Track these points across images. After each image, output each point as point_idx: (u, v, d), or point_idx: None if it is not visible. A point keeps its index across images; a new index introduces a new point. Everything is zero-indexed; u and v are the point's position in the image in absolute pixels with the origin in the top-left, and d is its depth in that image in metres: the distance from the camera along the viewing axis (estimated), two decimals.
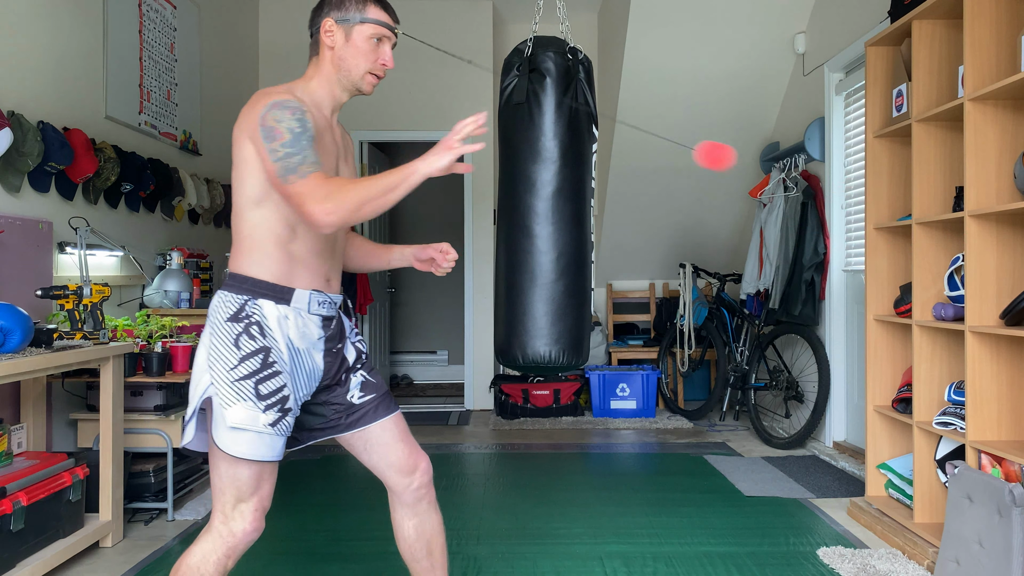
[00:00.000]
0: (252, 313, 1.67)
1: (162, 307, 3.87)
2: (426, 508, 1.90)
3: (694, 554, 2.79)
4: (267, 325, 1.67)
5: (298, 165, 1.57)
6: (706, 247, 6.00)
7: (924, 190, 2.89)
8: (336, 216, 1.53)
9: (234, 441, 1.61)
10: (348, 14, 1.74)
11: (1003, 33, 2.51)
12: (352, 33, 1.74)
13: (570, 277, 2.46)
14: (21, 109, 3.14)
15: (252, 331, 1.65)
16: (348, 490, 3.63)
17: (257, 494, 1.66)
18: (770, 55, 4.88)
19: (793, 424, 4.82)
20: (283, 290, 1.69)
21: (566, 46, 2.48)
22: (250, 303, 1.67)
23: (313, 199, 1.53)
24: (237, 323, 1.66)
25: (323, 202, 1.53)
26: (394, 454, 1.86)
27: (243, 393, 1.62)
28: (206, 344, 1.68)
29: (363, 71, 1.77)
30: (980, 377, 2.51)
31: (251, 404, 1.62)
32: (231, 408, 1.61)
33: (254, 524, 1.66)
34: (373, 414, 1.85)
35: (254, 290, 1.68)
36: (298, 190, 1.55)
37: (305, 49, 5.85)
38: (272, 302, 1.69)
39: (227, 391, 1.62)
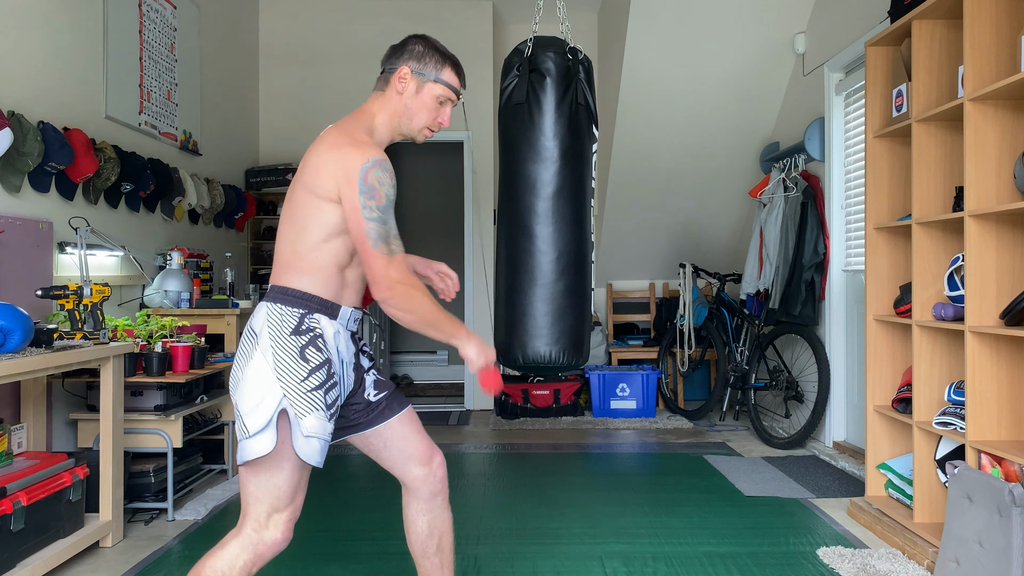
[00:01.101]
0: (313, 327, 1.72)
1: (162, 307, 3.87)
2: (440, 504, 1.94)
3: (694, 554, 2.79)
4: (326, 338, 1.74)
5: (390, 237, 1.68)
6: (706, 247, 6.00)
7: (924, 190, 2.89)
8: (395, 300, 1.68)
9: (312, 449, 1.68)
10: (425, 69, 1.82)
11: (1003, 33, 2.51)
12: (424, 88, 1.83)
13: (570, 277, 2.45)
14: (21, 109, 3.14)
15: (318, 343, 1.71)
16: (348, 490, 3.63)
17: (293, 503, 1.71)
18: (770, 55, 4.88)
19: (793, 424, 4.82)
20: (334, 307, 1.76)
21: (566, 46, 2.48)
22: (308, 317, 1.73)
23: (391, 277, 1.67)
24: (300, 336, 1.70)
25: (397, 284, 1.67)
26: (412, 446, 1.91)
27: (316, 403, 1.68)
28: (270, 356, 1.68)
29: (422, 125, 1.86)
30: (980, 377, 2.51)
31: (322, 414, 1.69)
32: (307, 418, 1.67)
33: (285, 534, 1.70)
34: (389, 409, 1.91)
35: (309, 305, 1.73)
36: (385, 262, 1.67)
37: (304, 49, 5.86)
38: (327, 317, 1.75)
39: (302, 401, 1.67)
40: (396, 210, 7.59)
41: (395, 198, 1.71)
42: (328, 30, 5.86)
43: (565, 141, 2.44)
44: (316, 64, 5.86)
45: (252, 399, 1.67)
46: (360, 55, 5.89)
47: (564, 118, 2.42)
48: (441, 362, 7.74)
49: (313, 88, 5.88)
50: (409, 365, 7.67)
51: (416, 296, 1.68)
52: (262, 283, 5.61)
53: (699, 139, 5.33)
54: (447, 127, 1.90)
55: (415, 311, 1.68)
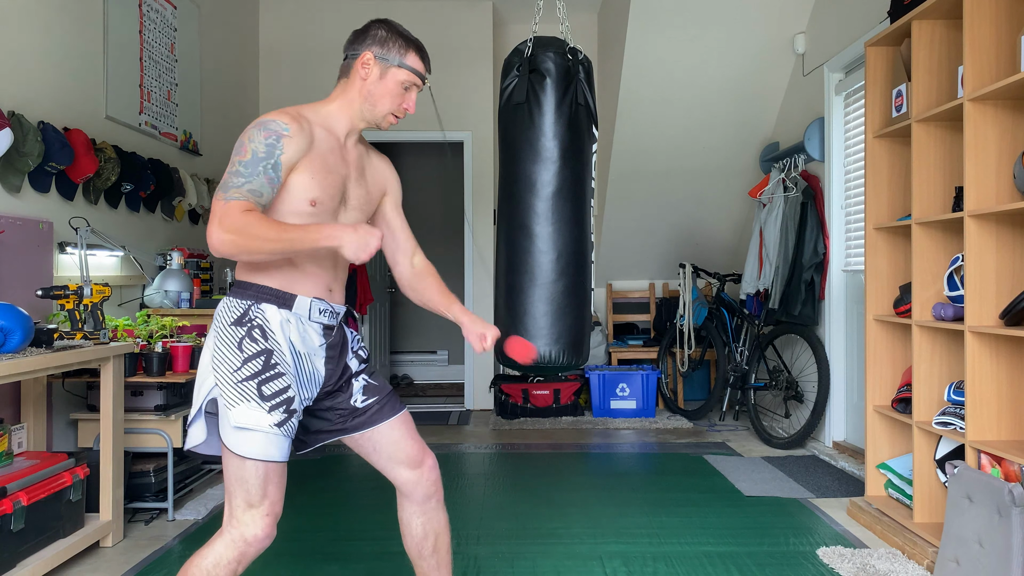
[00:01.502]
0: (255, 316, 1.70)
1: (162, 307, 3.87)
2: (434, 506, 1.93)
3: (694, 554, 2.79)
4: (270, 328, 1.70)
5: (232, 187, 1.59)
6: (706, 247, 6.00)
7: (924, 190, 2.89)
8: (230, 249, 1.55)
9: (241, 441, 1.64)
10: (389, 54, 1.79)
11: (1003, 33, 2.51)
12: (387, 73, 1.79)
13: (570, 277, 2.46)
14: (21, 109, 3.14)
15: (255, 334, 1.68)
16: (348, 490, 3.63)
17: (267, 499, 1.67)
18: (770, 55, 4.88)
19: (793, 424, 4.83)
20: (286, 296, 1.73)
21: (566, 46, 2.48)
22: (254, 307, 1.71)
23: (221, 225, 1.55)
24: (241, 327, 1.69)
25: (226, 231, 1.55)
26: (402, 451, 1.89)
27: (247, 394, 1.64)
28: (211, 347, 1.71)
29: (387, 111, 1.82)
30: (980, 377, 2.51)
31: (255, 404, 1.64)
32: (235, 408, 1.64)
33: (266, 531, 1.67)
34: (378, 415, 1.87)
35: (258, 295, 1.72)
36: (215, 209, 1.58)
37: (304, 49, 5.86)
38: (275, 306, 1.72)
39: (231, 392, 1.65)
40: None
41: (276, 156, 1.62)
42: (328, 30, 5.87)
43: (565, 141, 2.44)
44: (316, 64, 5.86)
45: (196, 391, 1.71)
46: None
47: (564, 118, 2.42)
48: (441, 362, 7.74)
49: (313, 88, 5.88)
50: (409, 365, 7.68)
51: (249, 234, 1.54)
52: None
53: (699, 139, 5.33)
54: (412, 113, 1.88)
55: (255, 250, 1.56)
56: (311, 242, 1.58)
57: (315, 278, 1.77)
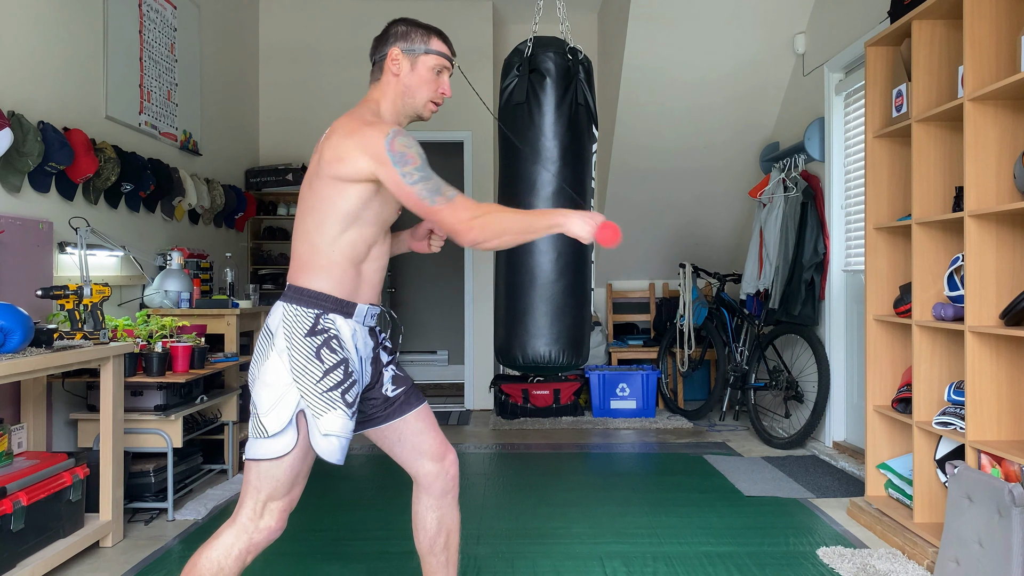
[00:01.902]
0: (328, 327, 1.74)
1: (162, 307, 3.87)
2: (450, 503, 1.96)
3: (694, 554, 2.79)
4: (342, 338, 1.76)
5: (440, 188, 1.67)
6: (706, 247, 6.00)
7: (924, 190, 2.89)
8: (479, 235, 1.65)
9: (330, 446, 1.70)
10: (414, 45, 1.84)
11: (1003, 33, 2.51)
12: (417, 63, 1.84)
13: (570, 277, 2.46)
14: (21, 109, 3.14)
15: (332, 344, 1.73)
16: (348, 490, 3.63)
17: (291, 493, 1.72)
18: (770, 55, 4.88)
19: (793, 424, 4.82)
20: (349, 305, 1.78)
21: (566, 46, 2.48)
22: (323, 317, 1.74)
23: (462, 219, 1.65)
24: (315, 336, 1.72)
25: (471, 220, 1.65)
26: (426, 442, 1.93)
27: (334, 403, 1.70)
28: (284, 358, 1.71)
29: (425, 99, 1.86)
30: (980, 377, 2.51)
31: (342, 412, 1.71)
32: (323, 417, 1.69)
33: (280, 523, 1.72)
34: (406, 405, 1.92)
35: (324, 305, 1.75)
36: (449, 209, 1.66)
37: (304, 49, 5.86)
38: (342, 316, 1.77)
39: (318, 402, 1.69)
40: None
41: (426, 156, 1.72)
42: (328, 30, 5.87)
43: (565, 141, 2.45)
44: (316, 64, 5.86)
45: (269, 400, 1.70)
46: (360, 55, 5.88)
47: (564, 118, 2.42)
48: (441, 362, 7.74)
49: (313, 88, 5.88)
50: (409, 365, 7.68)
51: (494, 221, 1.65)
52: (262, 283, 5.61)
53: (699, 139, 5.33)
54: (450, 96, 1.92)
55: (504, 233, 1.66)
56: (545, 224, 1.67)
57: (373, 284, 1.83)
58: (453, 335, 7.67)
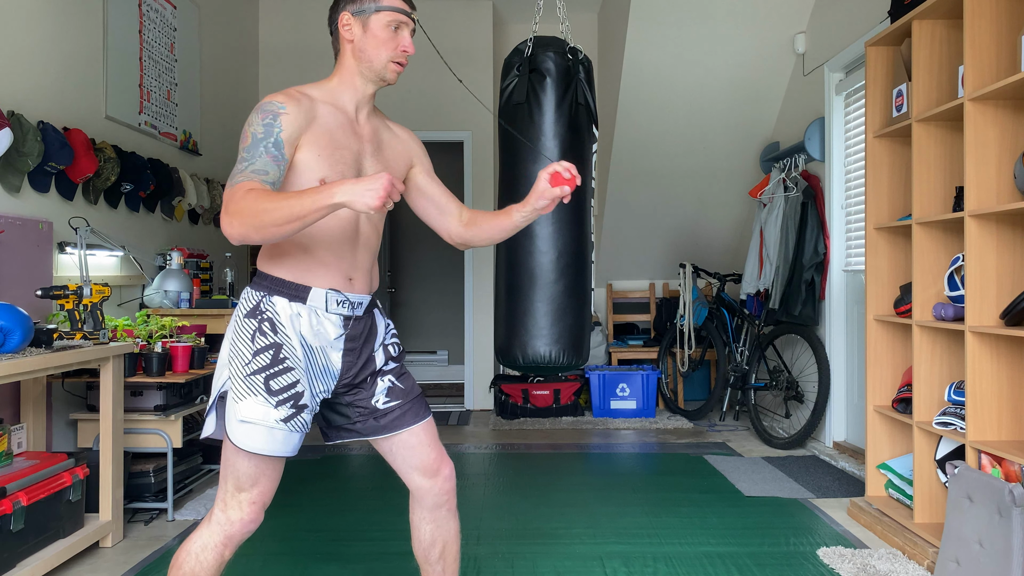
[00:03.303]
0: (266, 310, 1.69)
1: (162, 307, 3.87)
2: (445, 515, 1.90)
3: (694, 554, 2.79)
4: (279, 322, 1.69)
5: (237, 173, 1.56)
6: (706, 247, 6.00)
7: (924, 190, 2.89)
8: (237, 230, 1.48)
9: (245, 435, 1.64)
10: (363, 5, 1.74)
11: (1003, 33, 2.51)
12: (369, 23, 1.74)
13: (570, 277, 2.46)
14: (21, 109, 3.14)
15: (264, 327, 1.68)
16: (348, 490, 3.63)
17: (257, 487, 1.68)
18: (770, 55, 4.88)
19: (793, 424, 4.82)
20: (299, 288, 1.70)
21: (566, 46, 2.48)
22: (266, 300, 1.70)
23: (226, 209, 1.50)
24: (253, 319, 1.69)
25: (231, 215, 1.48)
26: (419, 458, 1.86)
27: (254, 388, 1.64)
28: (229, 339, 1.72)
29: (384, 60, 1.75)
30: (980, 377, 2.51)
31: (262, 399, 1.64)
32: (242, 402, 1.64)
33: (251, 515, 1.68)
34: (399, 421, 1.83)
35: (271, 287, 1.70)
36: (224, 197, 1.53)
37: (304, 49, 5.86)
38: (286, 300, 1.70)
39: (240, 385, 1.65)
40: (396, 209, 7.59)
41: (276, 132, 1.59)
42: (328, 29, 5.86)
43: (565, 141, 2.44)
44: (316, 64, 5.86)
45: (214, 381, 1.72)
46: None
47: (564, 118, 2.42)
48: (441, 362, 7.74)
49: None
50: (409, 365, 7.68)
51: (253, 212, 1.45)
52: None
53: (699, 139, 5.33)
54: (412, 53, 1.79)
55: (265, 225, 1.45)
56: (311, 203, 1.43)
57: (331, 268, 1.72)
58: (453, 335, 7.67)
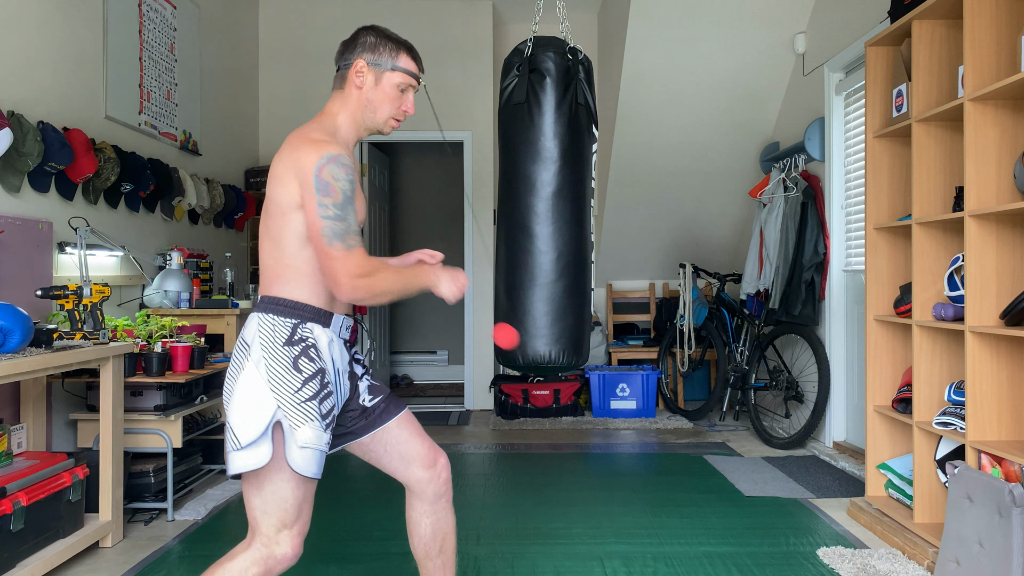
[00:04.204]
0: (306, 336, 1.71)
1: (162, 307, 3.87)
2: (444, 507, 1.94)
3: (694, 554, 2.79)
4: (320, 348, 1.72)
5: (345, 234, 1.63)
6: (706, 247, 6.00)
7: (924, 190, 2.89)
8: (360, 294, 1.64)
9: (305, 461, 1.65)
10: (381, 59, 1.79)
11: (1003, 33, 2.51)
12: (383, 78, 1.80)
13: (570, 277, 2.45)
14: (21, 109, 3.14)
15: (310, 353, 1.69)
16: (348, 490, 3.63)
17: (301, 518, 1.69)
18: (770, 55, 4.88)
19: (793, 424, 4.82)
20: (327, 315, 1.75)
21: (566, 46, 2.48)
22: (301, 327, 1.71)
23: (350, 273, 1.62)
24: (294, 346, 1.69)
25: (357, 279, 1.62)
26: (414, 449, 1.90)
27: (310, 414, 1.66)
28: (261, 368, 1.66)
29: (387, 116, 1.83)
30: (980, 377, 2.51)
31: (317, 424, 1.67)
32: (300, 429, 1.65)
33: (296, 549, 1.69)
34: (386, 413, 1.89)
35: (302, 315, 1.72)
36: (341, 259, 1.62)
37: (304, 49, 5.86)
38: (320, 326, 1.74)
39: (296, 412, 1.65)
40: (395, 209, 7.60)
41: (354, 190, 1.68)
42: (328, 30, 5.86)
43: (565, 141, 2.44)
44: (316, 64, 5.86)
45: (243, 411, 1.64)
46: None
47: (564, 118, 2.41)
48: (441, 362, 7.73)
49: (313, 88, 5.88)
50: (409, 365, 7.67)
51: (377, 283, 1.65)
52: None
53: (699, 139, 5.33)
54: (412, 114, 1.90)
55: (383, 295, 1.66)
56: (419, 286, 1.71)
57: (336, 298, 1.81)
58: (453, 335, 7.67)
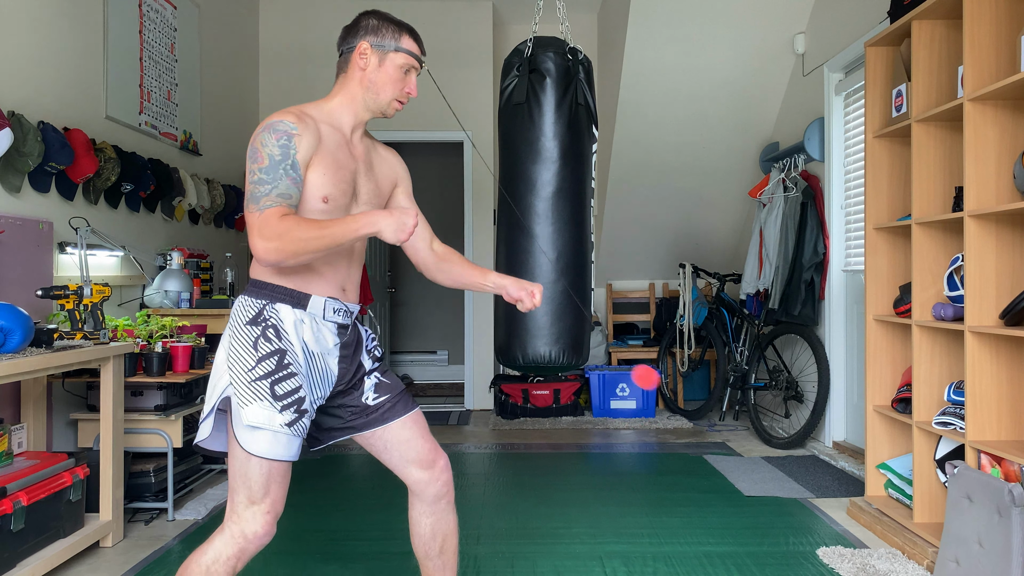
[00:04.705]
0: (270, 316, 1.73)
1: (162, 307, 3.87)
2: (444, 508, 1.93)
3: (694, 554, 2.79)
4: (283, 328, 1.73)
5: (262, 196, 1.62)
6: (706, 247, 6.00)
7: (924, 190, 2.89)
8: (276, 256, 1.59)
9: (253, 439, 1.66)
10: (384, 41, 1.80)
11: (1003, 33, 2.51)
12: (385, 60, 1.80)
13: (570, 277, 2.46)
14: (21, 109, 3.14)
15: (269, 334, 1.71)
16: (348, 490, 3.63)
17: (269, 497, 1.69)
18: (770, 55, 4.88)
19: (793, 424, 4.83)
20: (300, 296, 1.75)
21: (566, 46, 2.49)
22: (268, 307, 1.73)
23: (261, 235, 1.59)
24: (256, 326, 1.71)
25: (269, 240, 1.59)
26: (413, 450, 1.90)
27: (260, 393, 1.67)
28: (226, 346, 1.73)
29: (390, 97, 1.83)
30: (980, 377, 2.51)
31: (267, 404, 1.67)
32: (248, 407, 1.66)
33: (265, 528, 1.69)
34: (390, 412, 1.89)
35: (272, 295, 1.74)
36: (252, 221, 1.62)
37: (304, 49, 5.86)
38: (289, 306, 1.74)
39: (245, 391, 1.67)
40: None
41: (292, 155, 1.65)
42: (328, 30, 5.86)
43: (565, 141, 2.45)
44: (316, 64, 5.86)
45: (210, 388, 1.72)
46: None
47: (564, 118, 2.42)
48: (441, 362, 7.74)
49: (313, 88, 5.88)
50: (409, 365, 7.68)
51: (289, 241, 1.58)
52: None
53: (699, 139, 5.33)
54: (415, 96, 1.90)
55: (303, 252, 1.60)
56: (352, 232, 1.60)
57: (328, 278, 1.79)
58: (453, 335, 7.67)
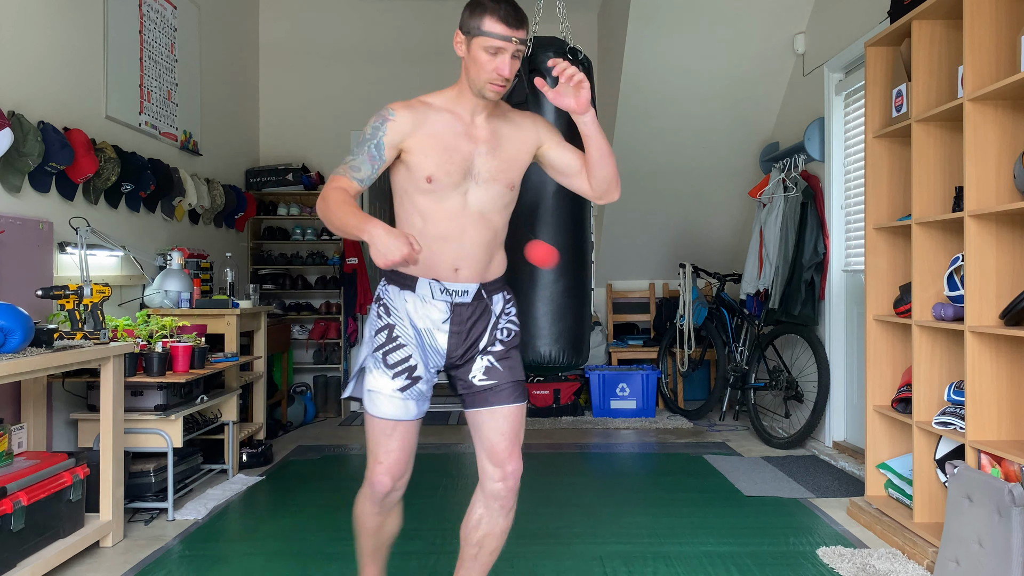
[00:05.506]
0: (383, 296, 1.97)
1: (162, 307, 3.87)
2: (497, 509, 2.00)
3: (694, 554, 2.79)
4: (392, 306, 1.94)
5: (343, 163, 1.85)
6: (706, 247, 6.00)
7: (924, 190, 2.89)
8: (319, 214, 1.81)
9: (371, 402, 1.92)
10: (469, 26, 1.85)
11: (1003, 33, 2.51)
12: (472, 45, 1.84)
13: (570, 277, 2.46)
14: (21, 109, 3.14)
15: (381, 312, 1.96)
16: (348, 490, 3.63)
17: (387, 454, 1.92)
18: (770, 55, 4.88)
19: (793, 424, 4.82)
20: (406, 278, 1.93)
21: (566, 46, 2.48)
22: (382, 288, 1.98)
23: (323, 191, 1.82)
24: (377, 304, 1.98)
25: (320, 199, 1.80)
26: (491, 441, 1.97)
27: (377, 362, 1.91)
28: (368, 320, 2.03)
29: (483, 80, 1.86)
30: (980, 377, 2.51)
31: (381, 372, 1.91)
32: (369, 375, 1.92)
33: (380, 485, 1.93)
34: (493, 398, 1.98)
35: (388, 278, 1.97)
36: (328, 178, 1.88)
37: (304, 49, 5.87)
38: (397, 287, 1.95)
39: (368, 360, 1.94)
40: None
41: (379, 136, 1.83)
42: (328, 30, 5.87)
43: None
44: (316, 64, 5.86)
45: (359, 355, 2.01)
46: (360, 54, 5.89)
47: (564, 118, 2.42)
48: None
49: (313, 87, 5.89)
50: None
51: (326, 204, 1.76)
52: (262, 283, 5.60)
53: (699, 139, 5.33)
54: (506, 76, 1.83)
55: (326, 219, 1.77)
56: (352, 228, 1.71)
57: (437, 259, 1.90)
58: None
